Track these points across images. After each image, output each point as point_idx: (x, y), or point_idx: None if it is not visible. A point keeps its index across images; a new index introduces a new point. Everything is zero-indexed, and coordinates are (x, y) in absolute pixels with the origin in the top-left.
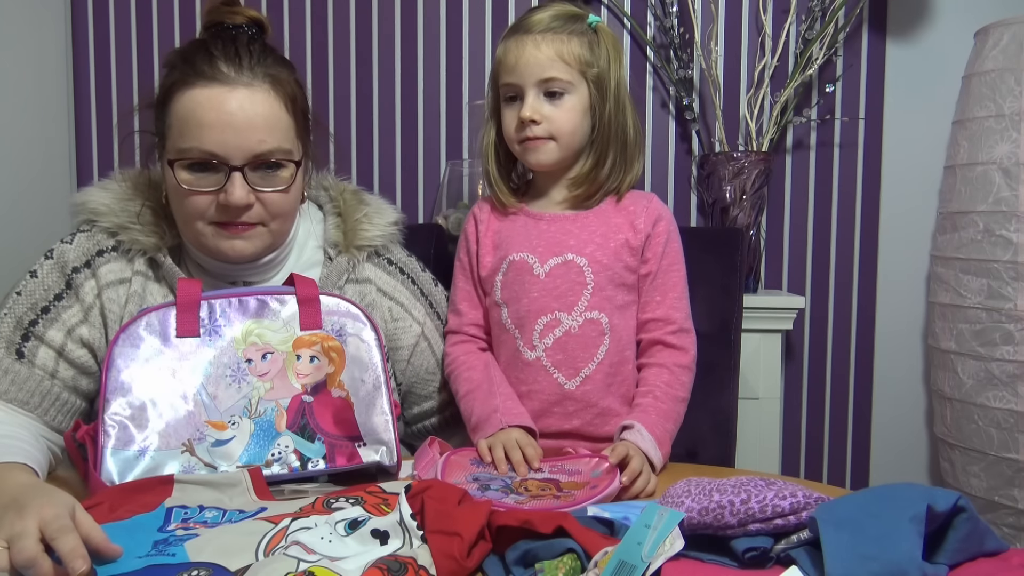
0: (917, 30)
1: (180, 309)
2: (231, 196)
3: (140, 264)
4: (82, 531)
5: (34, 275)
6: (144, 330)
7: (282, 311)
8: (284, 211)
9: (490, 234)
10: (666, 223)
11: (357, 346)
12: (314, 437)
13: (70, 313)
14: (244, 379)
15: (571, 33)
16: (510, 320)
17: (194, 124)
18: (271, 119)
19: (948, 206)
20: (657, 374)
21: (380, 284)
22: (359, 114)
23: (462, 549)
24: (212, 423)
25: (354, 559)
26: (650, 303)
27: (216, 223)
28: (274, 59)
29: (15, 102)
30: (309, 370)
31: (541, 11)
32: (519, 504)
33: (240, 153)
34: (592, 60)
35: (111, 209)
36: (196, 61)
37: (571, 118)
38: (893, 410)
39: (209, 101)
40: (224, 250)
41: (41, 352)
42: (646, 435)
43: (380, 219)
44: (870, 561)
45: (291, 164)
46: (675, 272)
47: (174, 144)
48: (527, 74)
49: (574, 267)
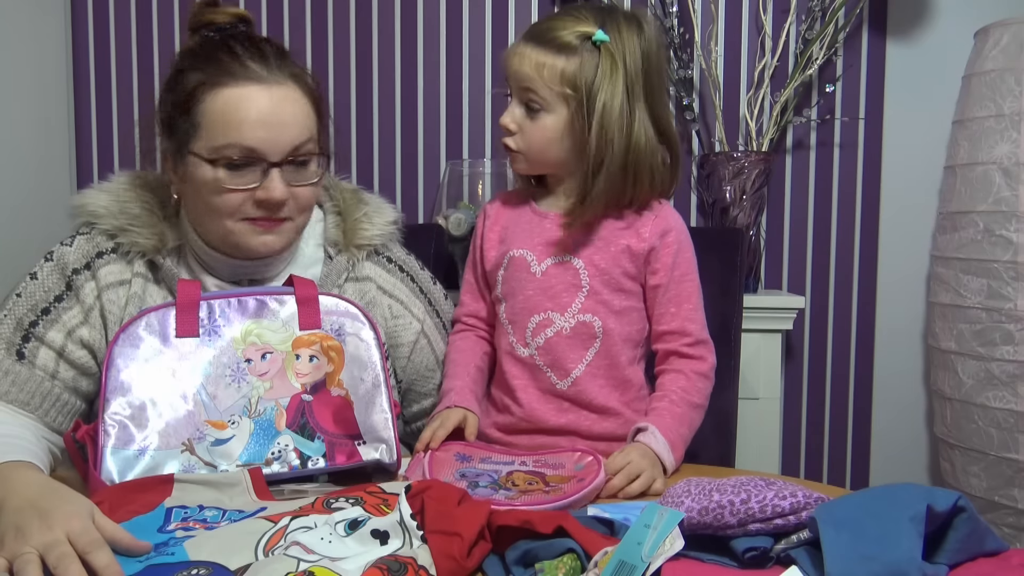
0: (917, 30)
1: (180, 309)
2: (274, 192)
3: (140, 266)
4: (107, 536)
5: (34, 277)
6: (144, 330)
7: (281, 311)
8: (310, 205)
9: (496, 228)
10: (676, 233)
11: (356, 345)
12: (314, 435)
13: (70, 314)
14: (244, 379)
15: (560, 50)
16: (506, 315)
17: (234, 122)
18: (301, 115)
19: (948, 206)
20: (674, 379)
21: (380, 282)
22: (359, 114)
23: (462, 549)
24: (212, 422)
25: (354, 559)
26: (664, 315)
27: (248, 219)
28: (292, 60)
29: (15, 102)
30: (308, 369)
31: (555, 19)
32: (510, 500)
33: (278, 149)
34: (576, 81)
35: (110, 211)
36: (222, 60)
37: (542, 136)
38: (893, 410)
39: (246, 100)
40: (255, 246)
41: (42, 353)
42: (660, 438)
43: (379, 218)
44: (870, 561)
45: (317, 158)
46: (688, 283)
47: (208, 143)
48: (513, 80)
49: (570, 269)
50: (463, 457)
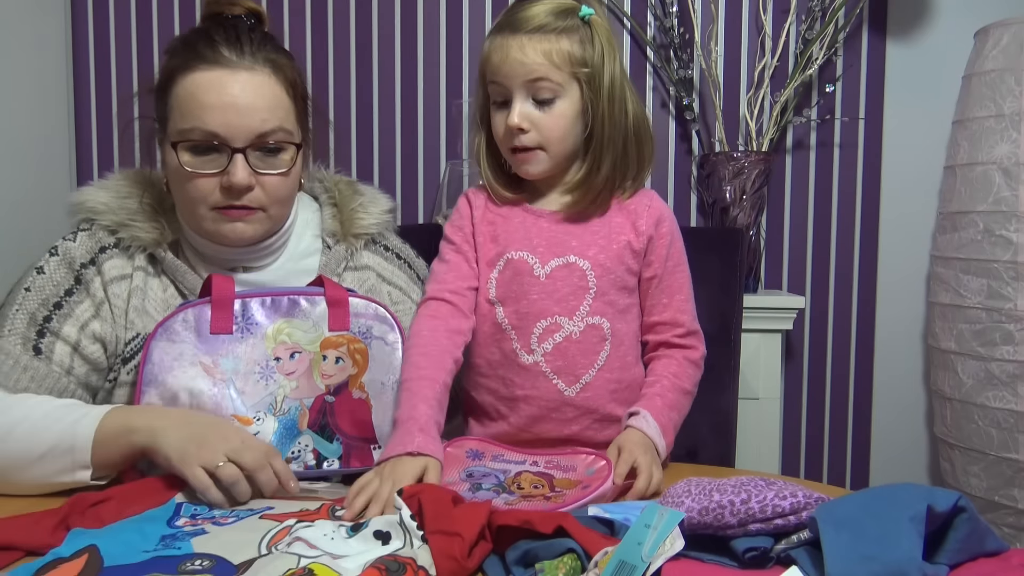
0: (917, 30)
1: (215, 306)
2: (234, 177)
3: (140, 260)
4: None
5: (41, 271)
6: (180, 325)
7: (312, 311)
8: (283, 196)
9: (486, 223)
10: (669, 224)
11: (381, 348)
12: (333, 437)
13: (82, 308)
14: (271, 376)
15: (561, 31)
16: (506, 320)
17: (196, 106)
18: (272, 101)
19: (948, 206)
20: (665, 365)
21: (379, 270)
22: (359, 114)
23: (463, 549)
24: (239, 417)
25: (354, 558)
26: (656, 306)
27: (218, 208)
28: (273, 46)
29: (15, 102)
30: (334, 371)
31: (531, 5)
32: (509, 504)
33: (242, 134)
34: (584, 58)
35: (109, 207)
36: (198, 46)
37: (561, 124)
38: (893, 410)
39: (211, 83)
40: (225, 233)
41: (58, 348)
42: (651, 422)
43: (375, 207)
44: (870, 561)
45: (291, 147)
46: (680, 274)
47: (176, 126)
48: (513, 76)
49: (576, 270)
50: (475, 454)
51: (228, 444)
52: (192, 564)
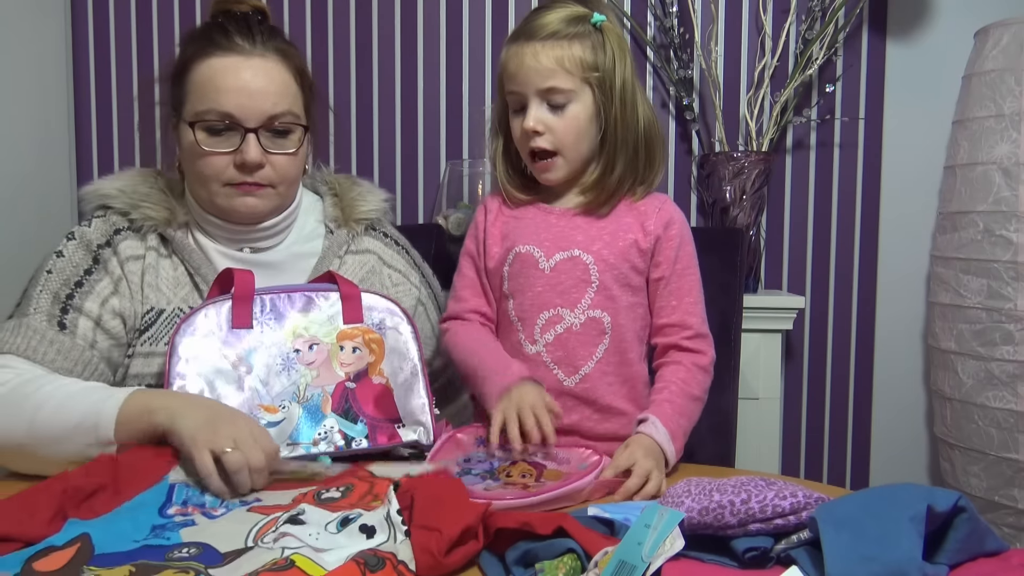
0: (917, 30)
1: (236, 302)
2: (247, 155)
3: (152, 240)
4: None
5: (60, 255)
6: (203, 320)
7: (326, 307)
8: (291, 175)
9: (499, 224)
10: (679, 227)
11: (395, 339)
12: (357, 419)
13: (102, 285)
14: (293, 367)
15: (573, 38)
16: (514, 312)
17: (212, 89)
18: (282, 86)
19: (948, 206)
20: (674, 371)
21: (380, 254)
22: (359, 114)
23: (440, 545)
24: (264, 407)
25: (337, 551)
26: (665, 308)
27: (231, 184)
28: (282, 38)
29: (15, 102)
30: (352, 360)
31: (544, 13)
32: (488, 492)
33: (255, 115)
34: (596, 63)
35: (122, 191)
36: (213, 35)
37: (575, 128)
38: (893, 410)
39: (227, 68)
40: (237, 207)
41: (81, 323)
42: (661, 428)
43: (373, 196)
44: (870, 561)
45: (299, 129)
46: (690, 276)
47: (192, 108)
48: (528, 83)
49: (580, 264)
50: (483, 441)
51: (239, 433)
52: (180, 551)
